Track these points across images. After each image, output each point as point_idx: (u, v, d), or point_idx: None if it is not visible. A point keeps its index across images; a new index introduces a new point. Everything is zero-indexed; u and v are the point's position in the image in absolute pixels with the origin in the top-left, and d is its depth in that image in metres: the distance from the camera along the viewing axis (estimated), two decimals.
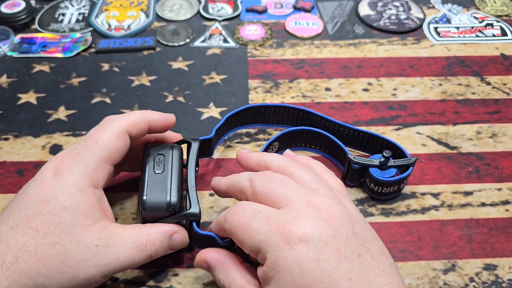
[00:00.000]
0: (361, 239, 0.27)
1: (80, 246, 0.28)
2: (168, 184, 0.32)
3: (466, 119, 0.45)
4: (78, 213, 0.29)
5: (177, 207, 0.31)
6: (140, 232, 0.30)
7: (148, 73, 0.50)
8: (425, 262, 0.34)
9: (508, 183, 0.40)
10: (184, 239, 0.32)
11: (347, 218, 0.27)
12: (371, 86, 0.48)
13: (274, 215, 0.27)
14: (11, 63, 0.51)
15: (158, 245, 0.30)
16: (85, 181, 0.29)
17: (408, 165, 0.37)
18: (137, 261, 0.30)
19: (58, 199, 0.28)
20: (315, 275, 0.25)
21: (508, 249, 0.35)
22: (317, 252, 0.25)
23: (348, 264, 0.26)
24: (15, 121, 0.45)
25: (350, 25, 0.57)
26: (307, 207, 0.27)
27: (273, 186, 0.29)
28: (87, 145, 0.30)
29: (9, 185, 0.39)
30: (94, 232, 0.29)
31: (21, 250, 0.27)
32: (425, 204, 0.38)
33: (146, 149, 0.34)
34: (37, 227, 0.28)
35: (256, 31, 0.55)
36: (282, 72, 0.50)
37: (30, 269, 0.27)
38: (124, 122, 0.32)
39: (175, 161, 0.33)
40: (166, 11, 0.58)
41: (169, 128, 0.35)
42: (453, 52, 0.53)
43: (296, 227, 0.26)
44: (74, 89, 0.48)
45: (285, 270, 0.25)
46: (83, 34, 0.54)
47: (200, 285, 0.33)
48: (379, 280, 0.26)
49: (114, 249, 0.29)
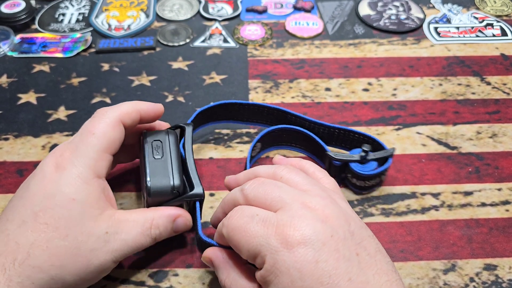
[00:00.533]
0: (358, 238, 0.27)
1: (91, 237, 0.29)
2: (170, 168, 0.32)
3: (466, 119, 0.45)
4: (86, 205, 0.29)
5: (180, 189, 0.32)
6: (144, 217, 0.31)
7: (148, 73, 0.50)
8: (425, 262, 0.34)
9: (508, 183, 0.40)
10: (187, 223, 0.33)
11: (343, 218, 0.27)
12: (371, 86, 0.48)
13: (271, 218, 0.27)
14: (11, 63, 0.51)
15: (162, 229, 0.32)
16: (89, 172, 0.30)
17: (387, 156, 0.37)
18: (145, 244, 0.31)
19: (64, 192, 0.29)
20: (315, 277, 0.25)
21: (508, 249, 0.35)
22: (316, 253, 0.25)
23: (347, 263, 0.26)
24: (15, 121, 0.45)
25: (350, 25, 0.57)
26: (303, 208, 0.27)
27: (266, 190, 0.28)
28: (85, 138, 0.31)
29: (9, 185, 0.39)
30: (102, 222, 0.30)
31: (32, 245, 0.27)
32: (425, 204, 0.38)
33: (142, 136, 0.35)
34: (47, 221, 0.28)
35: (256, 31, 0.55)
36: (282, 72, 0.50)
37: (43, 263, 0.27)
38: (117, 112, 0.32)
39: (172, 145, 0.34)
40: (166, 11, 0.58)
41: (158, 117, 0.36)
42: (453, 52, 0.53)
43: (294, 229, 0.26)
44: (74, 89, 0.48)
45: (284, 273, 0.25)
46: (83, 34, 0.54)
47: (200, 285, 0.33)
48: (378, 278, 0.26)
49: (123, 235, 0.30)
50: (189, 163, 0.34)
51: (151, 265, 0.34)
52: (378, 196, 0.39)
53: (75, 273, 0.28)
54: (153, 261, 0.34)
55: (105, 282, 0.33)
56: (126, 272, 0.34)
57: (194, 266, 0.34)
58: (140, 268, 0.34)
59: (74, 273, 0.28)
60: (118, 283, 0.33)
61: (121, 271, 0.34)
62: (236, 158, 0.41)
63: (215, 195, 0.39)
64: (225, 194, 0.38)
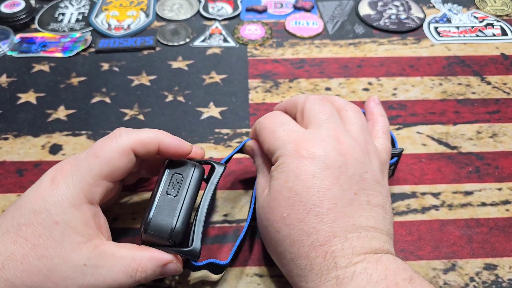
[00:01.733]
0: (365, 185, 0.29)
1: (68, 263, 0.27)
2: (177, 213, 0.30)
3: (466, 119, 0.45)
4: (69, 230, 0.27)
5: (178, 239, 0.29)
6: (133, 256, 0.28)
7: (148, 73, 0.50)
8: (425, 262, 0.34)
9: (508, 183, 0.40)
10: (177, 269, 0.30)
11: (362, 164, 0.29)
12: (371, 86, 0.48)
13: (298, 131, 0.31)
14: (10, 63, 0.51)
15: (149, 272, 0.29)
16: (80, 197, 0.28)
17: (394, 154, 0.37)
18: (125, 285, 0.28)
19: (50, 212, 0.27)
20: (305, 186, 0.28)
21: (508, 249, 0.35)
22: (316, 169, 0.28)
23: (340, 193, 0.28)
24: (15, 121, 0.45)
25: (350, 24, 0.57)
26: (332, 138, 0.30)
27: (320, 109, 0.32)
28: (88, 158, 0.29)
29: (9, 185, 0.39)
30: (84, 251, 0.27)
31: (9, 257, 0.26)
32: (425, 204, 0.38)
33: (165, 162, 0.32)
34: (27, 237, 0.27)
35: (256, 30, 0.55)
36: (282, 72, 0.50)
37: (15, 279, 0.26)
38: (132, 139, 0.30)
39: (192, 185, 0.31)
40: (166, 11, 0.58)
41: (182, 156, 0.32)
42: (453, 51, 0.53)
43: (310, 146, 0.29)
44: (74, 89, 0.48)
45: (284, 172, 0.29)
46: (83, 33, 0.54)
47: (199, 285, 0.33)
48: (363, 220, 0.28)
49: (103, 271, 0.28)
50: (200, 214, 0.31)
51: None
52: None
53: None
54: None
55: None
56: None
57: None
58: None
59: None
60: None
61: None
62: (236, 158, 0.41)
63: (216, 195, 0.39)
64: (225, 193, 0.39)
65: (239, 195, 0.38)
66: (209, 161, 0.33)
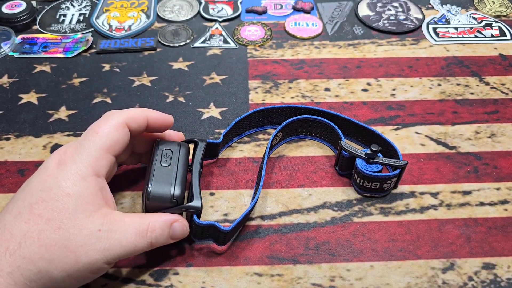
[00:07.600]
0: None
1: (83, 231, 0.29)
2: (173, 177, 0.33)
3: (465, 119, 0.45)
4: (81, 200, 0.29)
5: (180, 199, 0.32)
6: (141, 219, 0.31)
7: (149, 74, 0.50)
8: (424, 261, 0.35)
9: (506, 183, 0.40)
10: (184, 228, 0.33)
11: None
12: (370, 87, 0.48)
13: None
14: (12, 64, 0.51)
15: (159, 232, 0.31)
16: (88, 170, 0.30)
17: (396, 166, 0.37)
18: (139, 247, 0.30)
19: (61, 186, 0.29)
20: None
21: (507, 248, 0.35)
22: None
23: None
24: (16, 121, 0.45)
25: (349, 25, 0.57)
26: None
27: None
28: (88, 137, 0.32)
29: (11, 185, 0.39)
30: (96, 218, 0.29)
31: (25, 236, 0.28)
32: (424, 204, 0.38)
33: (155, 144, 0.36)
34: (40, 213, 0.28)
35: (256, 31, 0.55)
36: (282, 73, 0.50)
37: (33, 255, 0.27)
38: (123, 115, 0.33)
39: (182, 157, 0.35)
40: (167, 12, 0.58)
41: (167, 128, 0.36)
42: (452, 52, 0.53)
43: None
44: (75, 89, 0.48)
45: None
46: (84, 34, 0.55)
47: (200, 284, 0.33)
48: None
49: (116, 234, 0.29)
50: (194, 177, 0.34)
51: (152, 263, 0.34)
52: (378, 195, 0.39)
53: (63, 268, 0.28)
54: (153, 260, 0.35)
55: (106, 281, 0.33)
56: (126, 271, 0.34)
57: (195, 265, 0.34)
58: (140, 267, 0.34)
59: (61, 268, 0.28)
60: (118, 282, 0.33)
61: (122, 269, 0.34)
62: (236, 158, 0.41)
63: (215, 194, 0.39)
64: (225, 193, 0.39)
65: (239, 195, 0.39)
66: (193, 139, 0.38)
